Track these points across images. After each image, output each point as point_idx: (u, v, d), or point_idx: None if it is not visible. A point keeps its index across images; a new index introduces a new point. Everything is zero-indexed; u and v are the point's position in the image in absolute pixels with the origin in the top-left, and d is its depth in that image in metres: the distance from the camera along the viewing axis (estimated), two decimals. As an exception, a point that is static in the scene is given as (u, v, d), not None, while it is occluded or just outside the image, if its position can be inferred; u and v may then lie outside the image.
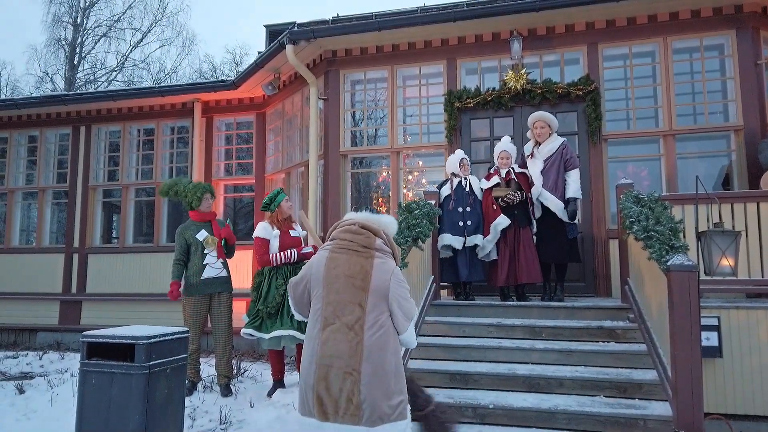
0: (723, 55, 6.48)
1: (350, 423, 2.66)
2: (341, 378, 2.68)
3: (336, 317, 2.78)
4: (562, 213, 5.53)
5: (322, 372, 2.71)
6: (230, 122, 9.41)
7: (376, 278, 2.81)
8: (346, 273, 2.82)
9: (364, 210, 3.17)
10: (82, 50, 22.98)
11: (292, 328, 5.12)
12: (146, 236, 10.62)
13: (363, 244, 2.89)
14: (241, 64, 25.00)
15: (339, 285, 2.81)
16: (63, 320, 9.14)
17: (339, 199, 7.21)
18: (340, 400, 2.67)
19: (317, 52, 7.56)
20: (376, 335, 2.75)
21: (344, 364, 2.69)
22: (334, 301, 2.80)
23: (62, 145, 9.88)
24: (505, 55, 6.82)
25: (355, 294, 2.79)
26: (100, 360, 3.57)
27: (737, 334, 4.51)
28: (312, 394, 2.73)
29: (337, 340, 2.73)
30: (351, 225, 2.98)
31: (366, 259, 2.86)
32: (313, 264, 2.96)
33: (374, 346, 2.72)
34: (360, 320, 2.75)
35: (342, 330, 2.74)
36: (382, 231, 2.98)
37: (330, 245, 2.97)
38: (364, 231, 2.94)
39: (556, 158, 5.65)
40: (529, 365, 4.57)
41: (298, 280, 3.02)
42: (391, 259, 2.98)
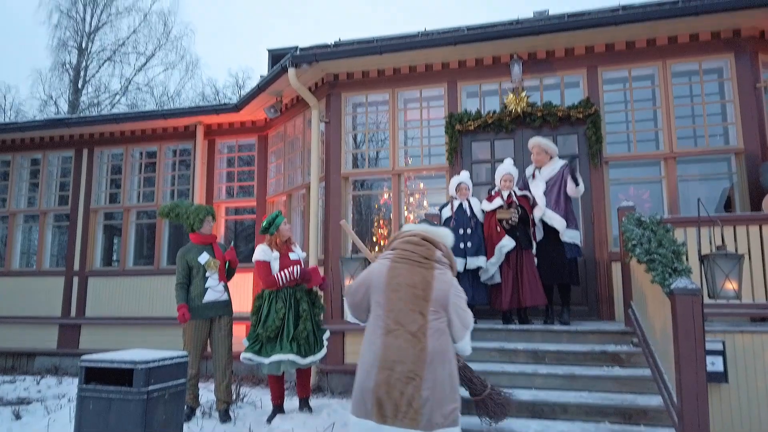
0: (722, 79, 6.52)
1: (408, 427, 2.74)
2: (403, 382, 2.77)
3: (398, 324, 2.89)
4: (564, 230, 5.50)
5: (384, 376, 2.81)
6: (232, 145, 9.45)
7: (437, 288, 2.93)
8: (408, 282, 2.95)
9: (421, 222, 3.30)
10: (87, 74, 23.25)
11: (291, 352, 5.08)
12: (147, 259, 10.60)
13: (424, 255, 3.03)
14: (243, 88, 25.27)
15: (401, 294, 2.94)
16: (62, 344, 9.06)
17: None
18: (401, 404, 2.76)
19: (319, 76, 7.63)
20: (438, 342, 2.86)
21: (407, 369, 2.79)
22: (396, 308, 2.92)
23: (65, 167, 9.91)
24: (505, 79, 6.87)
25: (416, 303, 2.91)
26: (98, 385, 3.53)
27: (743, 359, 4.45)
28: (372, 396, 2.82)
29: (399, 346, 2.84)
30: (412, 236, 3.12)
31: (427, 270, 2.99)
32: (374, 272, 3.09)
33: (436, 353, 2.83)
34: (422, 327, 2.86)
35: (404, 336, 2.86)
36: (441, 243, 3.12)
37: (391, 255, 3.11)
38: (425, 243, 3.08)
39: (557, 179, 5.66)
40: (533, 390, 4.50)
41: (357, 286, 3.14)
42: (449, 270, 3.11)
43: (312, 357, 5.26)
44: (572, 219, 5.64)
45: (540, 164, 5.81)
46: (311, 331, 5.30)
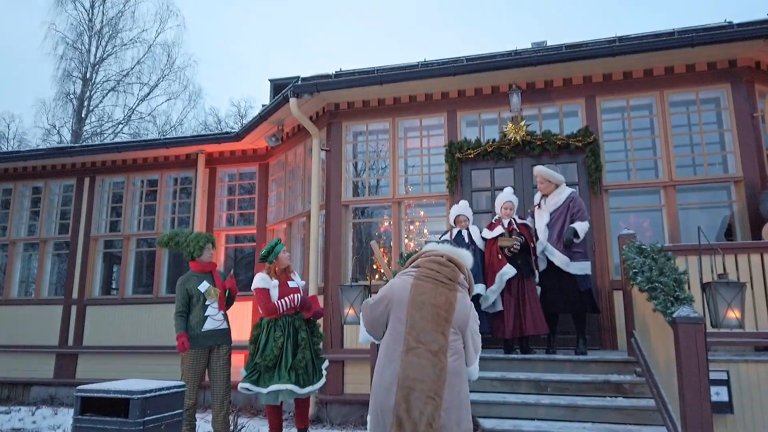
0: (719, 108, 6.59)
1: None
2: (423, 401, 2.78)
3: (419, 342, 2.89)
4: (567, 267, 5.45)
5: (404, 394, 2.81)
6: (233, 173, 9.50)
7: (458, 310, 2.96)
8: (432, 302, 2.97)
9: (441, 243, 3.31)
10: (90, 104, 23.49)
11: (290, 382, 5.01)
12: (146, 287, 10.54)
13: (449, 276, 3.05)
14: (245, 117, 25.53)
15: (425, 312, 2.95)
16: (58, 374, 8.95)
17: (340, 249, 7.19)
18: (420, 424, 2.75)
19: (320, 105, 7.71)
20: (457, 363, 2.89)
21: (427, 389, 2.79)
22: (418, 327, 2.93)
23: (66, 196, 9.94)
24: (504, 108, 6.94)
25: (438, 323, 2.93)
26: (93, 416, 3.48)
27: (748, 389, 4.38)
28: (391, 415, 2.82)
29: (420, 365, 2.84)
30: (438, 256, 3.14)
31: (450, 291, 3.02)
32: (396, 287, 3.09)
33: (455, 373, 2.86)
34: (443, 348, 2.88)
35: (425, 356, 2.86)
36: (465, 267, 3.16)
37: (414, 272, 3.12)
38: (451, 264, 3.10)
39: (562, 211, 5.61)
40: (536, 421, 4.43)
41: (378, 301, 3.13)
42: (467, 293, 3.15)
43: (311, 387, 5.19)
44: (579, 251, 5.53)
45: (546, 192, 5.78)
46: (310, 361, 5.24)
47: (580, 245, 5.55)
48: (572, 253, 5.48)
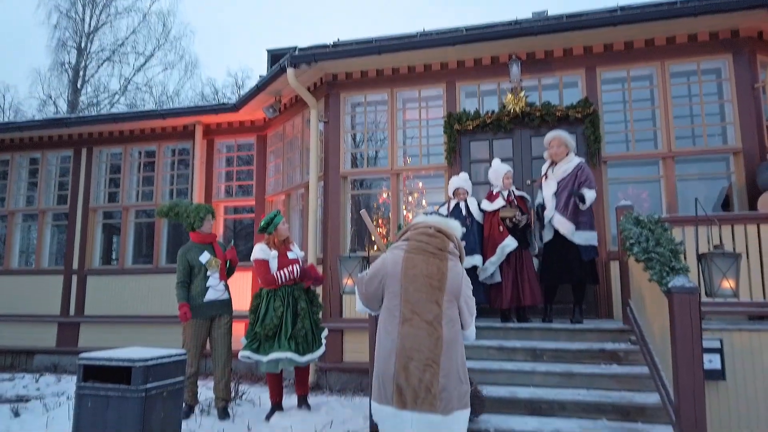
0: (720, 79, 6.54)
1: (427, 411, 2.90)
2: (421, 369, 2.91)
3: (414, 314, 3.02)
4: (573, 235, 5.45)
5: (403, 363, 2.95)
6: (231, 144, 9.46)
7: (450, 279, 3.07)
8: (424, 273, 3.07)
9: (430, 215, 3.38)
10: (86, 74, 23.24)
11: (289, 350, 5.10)
12: (146, 257, 10.60)
13: (439, 246, 3.14)
14: (242, 87, 25.28)
15: (417, 284, 3.06)
16: (60, 342, 9.07)
17: (339, 221, 7.22)
18: (419, 390, 2.90)
19: (318, 76, 7.64)
20: (451, 330, 3.00)
21: (425, 357, 2.93)
22: (413, 299, 3.04)
23: (63, 167, 9.92)
24: (504, 79, 6.88)
25: (432, 293, 3.04)
26: (96, 383, 3.54)
27: (740, 357, 4.46)
28: (391, 383, 2.96)
29: (417, 335, 2.97)
30: (427, 228, 3.23)
31: (441, 261, 3.11)
32: (388, 262, 3.19)
33: (451, 341, 2.98)
34: (438, 317, 3.00)
35: (421, 325, 2.99)
36: (454, 235, 3.24)
37: (404, 245, 3.21)
38: (440, 234, 3.19)
39: (570, 180, 5.56)
40: (531, 388, 4.52)
41: (371, 276, 3.24)
42: (459, 261, 3.24)
43: (310, 355, 5.28)
44: (586, 221, 5.51)
45: (557, 158, 5.69)
46: (309, 330, 5.32)
47: (586, 215, 5.53)
48: (578, 223, 5.48)
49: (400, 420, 2.95)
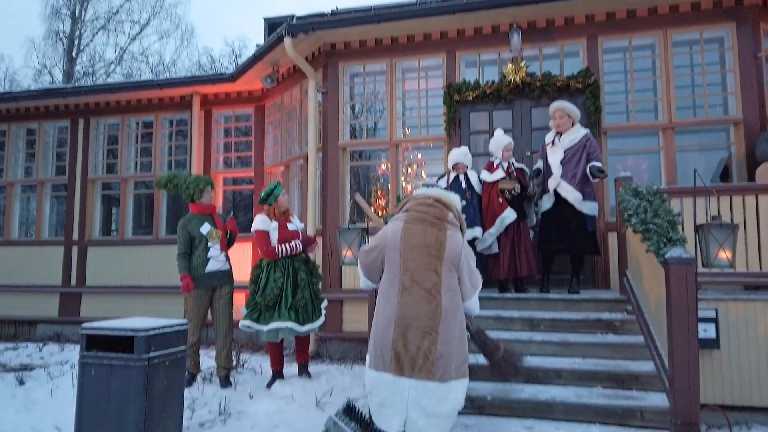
0: (723, 48, 6.47)
1: (425, 378, 2.95)
2: (420, 336, 2.96)
3: (413, 282, 3.06)
4: (580, 205, 5.39)
5: (401, 330, 3.00)
6: (229, 115, 9.39)
7: (449, 248, 3.10)
8: (422, 242, 3.11)
9: (430, 188, 3.42)
10: (81, 43, 22.93)
11: (290, 320, 5.16)
12: (146, 229, 10.63)
13: (437, 216, 3.18)
14: (240, 57, 24.98)
15: (416, 253, 3.09)
16: (63, 312, 9.16)
17: (338, 192, 7.22)
18: (417, 357, 2.95)
19: (316, 45, 7.54)
20: (451, 299, 3.04)
21: (423, 324, 2.98)
22: (411, 267, 3.08)
23: (61, 137, 9.86)
24: (504, 48, 6.80)
25: (430, 262, 3.07)
26: (99, 352, 3.58)
27: (735, 326, 4.52)
28: (390, 351, 3.01)
29: (416, 303, 3.02)
30: (426, 198, 3.28)
31: (440, 231, 3.15)
32: (388, 232, 3.24)
33: (449, 309, 3.02)
34: (437, 285, 3.04)
35: (420, 293, 3.03)
36: (453, 205, 3.27)
37: (404, 216, 3.26)
38: (439, 204, 3.24)
39: (578, 149, 5.47)
40: (528, 357, 4.55)
41: (372, 247, 3.30)
42: (459, 231, 3.26)
43: (310, 325, 5.35)
44: (590, 192, 5.48)
45: (562, 129, 5.59)
46: (309, 300, 5.38)
47: (591, 186, 5.51)
48: (584, 193, 5.43)
49: (397, 387, 2.99)
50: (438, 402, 2.95)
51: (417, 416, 2.97)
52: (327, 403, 4.75)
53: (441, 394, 2.95)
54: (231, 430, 4.30)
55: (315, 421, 4.24)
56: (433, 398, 2.95)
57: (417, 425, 2.98)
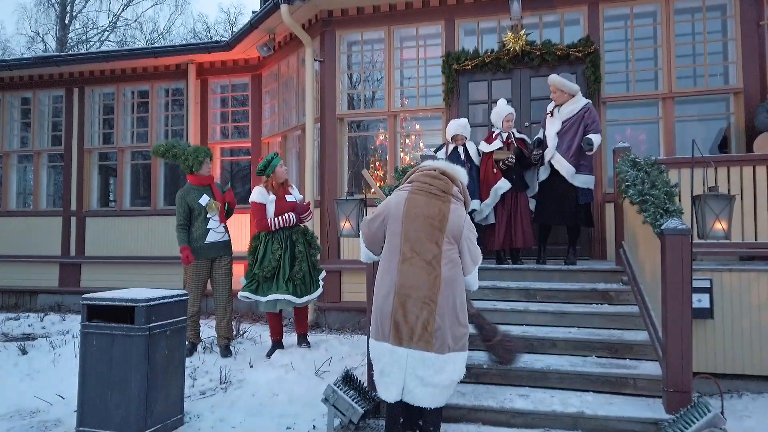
0: (725, 16, 6.38)
1: (422, 349, 2.97)
2: (419, 307, 2.98)
3: (414, 252, 3.06)
4: (572, 178, 5.38)
5: (401, 300, 3.02)
6: (225, 84, 9.29)
7: (451, 221, 3.10)
8: (425, 213, 3.10)
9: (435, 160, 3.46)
10: (73, 9, 22.49)
11: (287, 292, 5.21)
12: (143, 199, 10.62)
13: (442, 188, 3.17)
14: (235, 24, 24.59)
15: (418, 224, 3.09)
16: (63, 283, 9.22)
17: (336, 163, 7.19)
18: (416, 327, 2.98)
19: (313, 12, 7.42)
20: (451, 271, 3.04)
21: (423, 295, 2.99)
22: (413, 238, 3.09)
23: (56, 107, 9.77)
24: (504, 16, 6.69)
25: (432, 233, 3.07)
26: (100, 322, 3.63)
27: (729, 296, 4.57)
28: (389, 320, 3.04)
29: (416, 273, 3.02)
30: (431, 170, 3.26)
31: (444, 203, 3.14)
32: (392, 202, 3.24)
33: (449, 280, 3.02)
34: (437, 257, 3.04)
35: (420, 264, 3.03)
36: (458, 179, 3.25)
37: (408, 187, 3.25)
38: (444, 177, 3.22)
39: (576, 121, 5.42)
40: (523, 327, 4.64)
41: (374, 216, 3.30)
42: (463, 206, 3.25)
43: (308, 296, 5.40)
44: (585, 164, 5.46)
45: (559, 102, 5.54)
46: (307, 272, 5.41)
47: (588, 159, 5.48)
48: (578, 165, 5.42)
49: (396, 356, 3.02)
50: (435, 372, 2.99)
51: (414, 385, 3.01)
52: (326, 372, 4.83)
53: (438, 364, 2.98)
54: (232, 398, 4.38)
55: (314, 389, 4.33)
56: (431, 369, 2.98)
57: (414, 394, 3.03)
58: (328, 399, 3.62)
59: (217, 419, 3.95)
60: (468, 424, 3.70)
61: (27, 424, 3.94)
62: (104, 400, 3.54)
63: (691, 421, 3.17)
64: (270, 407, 4.15)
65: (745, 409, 4.10)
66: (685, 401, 3.42)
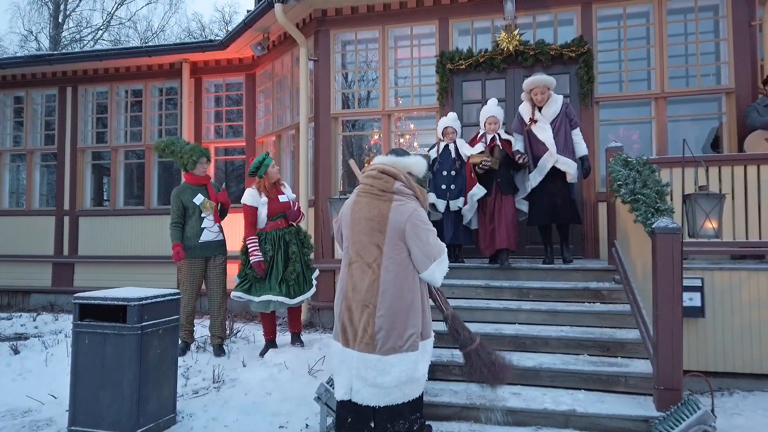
0: (717, 16, 6.42)
1: (365, 351, 3.01)
2: (360, 310, 3.03)
3: (359, 256, 3.10)
4: (576, 172, 5.38)
5: (347, 304, 3.10)
6: (219, 83, 9.27)
7: (392, 220, 3.05)
8: (366, 216, 3.10)
9: (390, 154, 3.34)
10: (67, 8, 22.39)
11: (280, 293, 5.21)
12: (137, 199, 10.59)
13: (381, 188, 3.13)
14: (230, 23, 24.52)
15: (361, 227, 3.11)
16: (56, 282, 9.18)
17: (330, 163, 7.19)
18: (358, 330, 3.03)
19: (307, 11, 7.42)
20: (392, 273, 3.02)
21: (362, 298, 3.03)
22: (357, 241, 3.12)
23: (49, 106, 9.73)
24: (498, 16, 6.71)
25: (373, 235, 3.07)
26: (92, 321, 3.62)
27: (720, 295, 4.60)
28: (338, 322, 3.14)
29: (358, 277, 3.07)
30: (372, 170, 3.22)
31: (384, 203, 3.10)
32: (344, 207, 3.27)
33: (389, 283, 3.01)
34: (377, 260, 3.04)
35: (362, 267, 3.07)
36: (402, 174, 3.18)
37: (357, 189, 3.26)
38: (383, 176, 3.16)
39: (562, 119, 5.39)
40: (516, 325, 4.66)
41: (335, 222, 3.37)
42: (412, 200, 3.17)
43: (301, 296, 5.40)
44: (575, 158, 5.45)
45: (543, 103, 5.43)
46: (300, 272, 5.41)
47: (573, 153, 5.44)
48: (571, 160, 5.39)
49: (345, 357, 3.09)
50: (379, 374, 2.97)
51: (360, 386, 3.03)
52: (319, 371, 4.83)
53: (381, 366, 2.97)
54: (225, 397, 4.38)
55: (307, 388, 4.33)
56: (374, 370, 2.98)
57: (361, 394, 3.04)
58: (321, 397, 3.63)
59: (210, 418, 3.95)
60: (460, 422, 3.72)
61: (19, 423, 3.93)
62: (96, 399, 3.53)
63: (682, 419, 3.19)
64: (263, 406, 4.15)
65: (736, 407, 4.13)
66: (675, 399, 3.44)
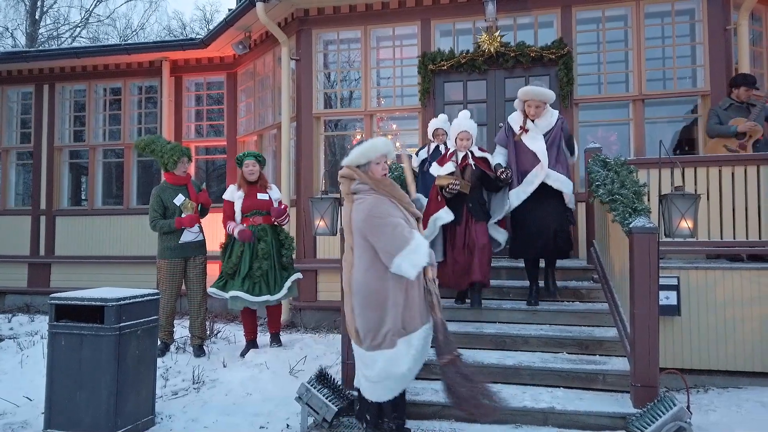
0: (693, 20, 6.54)
1: (358, 344, 3.25)
2: (350, 309, 3.27)
3: (345, 259, 3.32)
4: (572, 193, 4.82)
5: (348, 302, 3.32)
6: (200, 82, 9.20)
7: (354, 220, 3.23)
8: (345, 221, 3.33)
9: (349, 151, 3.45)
10: (44, 4, 22.01)
11: (241, 289, 5.20)
12: (116, 198, 10.44)
13: (345, 192, 3.35)
14: (211, 22, 24.33)
15: (345, 232, 3.33)
16: (32, 283, 9.02)
17: (312, 163, 7.17)
18: (351, 328, 3.28)
19: (289, 11, 7.39)
20: (361, 273, 3.18)
21: (347, 298, 3.28)
22: (344, 245, 3.35)
23: (25, 104, 9.55)
24: (479, 17, 6.75)
25: (348, 238, 3.29)
26: (69, 322, 3.57)
27: (695, 293, 4.69)
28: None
29: (346, 279, 3.30)
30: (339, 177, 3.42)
31: (349, 204, 3.31)
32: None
33: (360, 284, 3.18)
34: (350, 261, 3.26)
35: (346, 268, 3.30)
36: (354, 171, 3.30)
37: None
38: (342, 179, 3.36)
39: (557, 134, 4.81)
40: (497, 324, 4.70)
41: None
42: (371, 195, 3.22)
43: (268, 296, 5.31)
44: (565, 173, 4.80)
45: (536, 117, 4.82)
46: (270, 270, 5.35)
47: (566, 168, 4.89)
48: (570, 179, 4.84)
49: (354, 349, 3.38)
50: (367, 367, 3.22)
51: (359, 376, 3.33)
52: (300, 371, 4.82)
53: (368, 360, 3.20)
54: (204, 398, 4.34)
55: (288, 388, 4.31)
56: (363, 363, 3.25)
57: (360, 383, 3.33)
58: (302, 397, 3.62)
59: (190, 419, 3.91)
60: (441, 421, 3.74)
61: (-7, 426, 3.86)
62: (73, 401, 3.49)
63: (658, 415, 3.24)
64: (243, 407, 4.13)
65: (711, 404, 4.21)
66: (652, 396, 3.50)
